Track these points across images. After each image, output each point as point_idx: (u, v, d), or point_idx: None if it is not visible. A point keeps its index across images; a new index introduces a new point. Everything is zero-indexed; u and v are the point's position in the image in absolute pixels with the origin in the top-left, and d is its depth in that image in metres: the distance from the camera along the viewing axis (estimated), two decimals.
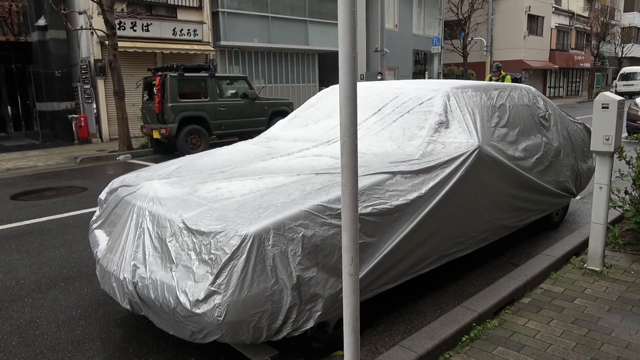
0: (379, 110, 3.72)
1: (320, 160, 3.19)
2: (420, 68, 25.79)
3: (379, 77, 18.22)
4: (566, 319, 2.87)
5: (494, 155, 3.44)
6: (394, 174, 2.91)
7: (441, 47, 21.99)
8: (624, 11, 45.18)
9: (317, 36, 18.65)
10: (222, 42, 16.27)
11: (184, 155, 3.78)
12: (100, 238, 3.04)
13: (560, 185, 4.53)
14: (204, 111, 10.65)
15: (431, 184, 2.98)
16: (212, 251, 2.30)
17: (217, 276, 2.22)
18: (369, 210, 2.66)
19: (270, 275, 2.27)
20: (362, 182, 2.76)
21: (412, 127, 3.43)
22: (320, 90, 19.85)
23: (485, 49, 23.23)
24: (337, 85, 4.66)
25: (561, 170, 4.51)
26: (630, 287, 3.32)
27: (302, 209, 2.46)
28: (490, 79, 9.53)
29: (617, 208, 4.14)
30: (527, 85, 4.60)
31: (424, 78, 24.46)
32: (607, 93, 3.42)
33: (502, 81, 8.97)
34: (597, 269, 3.59)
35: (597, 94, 24.17)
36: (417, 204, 2.90)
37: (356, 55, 1.68)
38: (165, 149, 10.84)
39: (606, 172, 3.47)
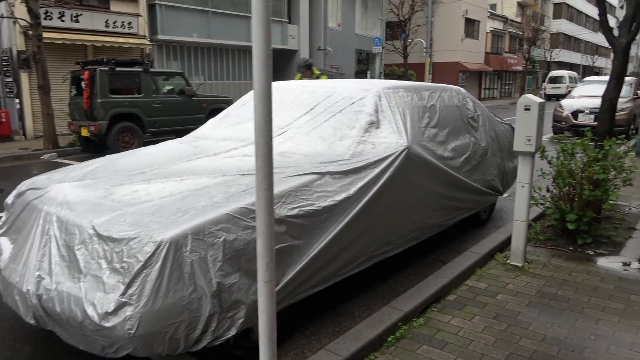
0: (311, 109, 3.68)
1: (248, 160, 3.10)
2: (363, 67, 26.14)
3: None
4: (488, 314, 2.95)
5: (423, 155, 3.48)
6: (322, 174, 2.87)
7: (382, 48, 22.38)
8: (553, 18, 48.10)
9: None
10: (160, 36, 15.69)
11: (115, 153, 3.54)
12: (4, 246, 2.78)
13: (488, 184, 4.69)
14: (138, 108, 10.20)
15: (360, 184, 2.96)
16: (125, 259, 2.15)
17: (128, 286, 2.08)
18: (295, 212, 2.61)
19: (188, 283, 2.16)
20: (290, 184, 2.70)
21: (343, 127, 3.41)
22: None
23: (424, 50, 23.89)
24: (274, 82, 4.57)
25: (488, 169, 4.67)
26: (549, 281, 3.48)
27: (224, 212, 2.36)
28: (301, 79, 6.49)
29: (538, 205, 4.34)
30: (458, 87, 4.72)
31: (367, 77, 24.83)
32: (529, 95, 3.55)
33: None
34: (519, 265, 3.73)
35: None
36: (346, 205, 2.87)
37: (271, 52, 1.61)
38: (95, 148, 10.28)
39: (528, 171, 3.62)
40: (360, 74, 25.61)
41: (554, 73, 37.55)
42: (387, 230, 3.31)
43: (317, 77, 6.95)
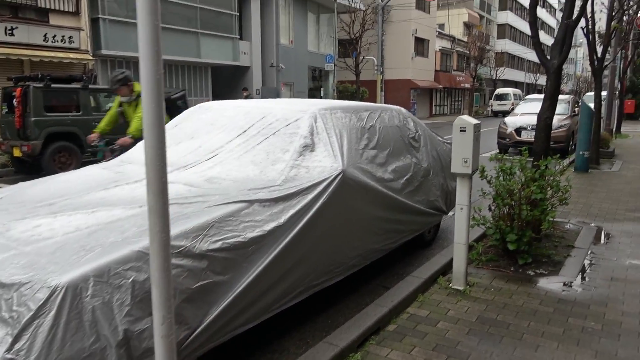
0: (244, 131, 3.50)
1: (171, 188, 2.86)
2: (317, 84, 26.29)
3: (245, 94, 17.21)
4: (427, 345, 2.83)
5: (360, 178, 3.37)
6: (251, 202, 2.70)
7: (334, 65, 22.60)
8: (497, 38, 50.42)
9: (210, 49, 18.13)
10: (104, 51, 15.12)
11: (50, 175, 3.17)
12: None
13: (431, 205, 4.65)
14: (75, 126, 9.67)
15: (291, 212, 2.80)
16: (14, 308, 1.89)
17: (16, 339, 1.81)
18: (218, 245, 2.41)
19: (89, 333, 1.91)
20: (213, 214, 2.51)
21: (277, 150, 3.25)
22: None
23: (376, 67, 24.29)
24: (207, 103, 4.36)
25: (431, 189, 4.63)
26: (489, 305, 3.42)
27: (134, 248, 2.14)
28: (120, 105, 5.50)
29: (480, 225, 4.32)
30: (398, 107, 4.68)
31: (320, 94, 24.97)
32: (464, 117, 3.53)
33: (137, 101, 5.26)
34: (461, 288, 3.67)
35: (476, 112, 26.01)
36: (276, 235, 2.70)
37: (161, 76, 1.43)
38: (30, 169, 9.64)
39: (466, 193, 3.57)
40: (314, 90, 25.74)
41: (500, 90, 39.20)
42: (325, 258, 3.15)
43: (138, 97, 5.15)
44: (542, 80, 60.52)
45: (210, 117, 3.87)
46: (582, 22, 10.49)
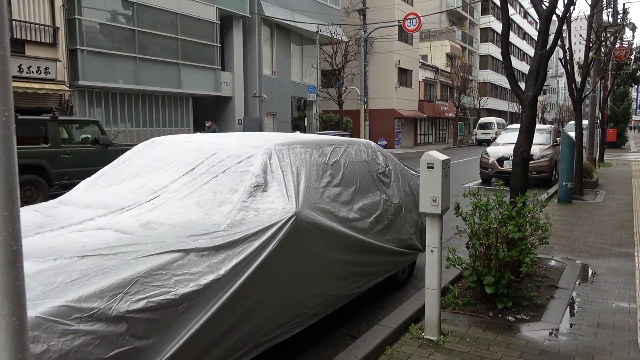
0: (192, 169, 3.20)
1: (99, 235, 2.54)
2: (301, 114, 26.25)
3: (207, 125, 16.45)
4: None
5: (318, 220, 3.06)
6: (186, 252, 2.37)
7: (317, 95, 22.60)
8: (480, 69, 51.41)
9: (191, 80, 18.01)
10: (81, 82, 14.87)
11: None
12: None
13: (404, 243, 4.35)
14: (43, 159, 9.30)
15: (234, 262, 2.47)
16: None
17: None
18: (141, 305, 2.07)
19: None
20: (139, 267, 2.17)
21: (225, 190, 2.94)
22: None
23: (359, 97, 24.36)
24: (160, 137, 4.06)
25: (404, 227, 4.34)
26: (464, 359, 3.08)
27: (32, 314, 1.79)
28: None
29: (455, 266, 4.02)
30: (367, 141, 4.43)
31: (304, 124, 24.89)
32: (432, 152, 3.27)
33: None
34: (434, 339, 3.33)
35: (461, 140, 26.03)
36: (215, 289, 2.37)
37: (11, 112, 1.13)
38: None
39: (436, 234, 3.28)
40: (299, 120, 25.67)
41: (483, 120, 39.61)
42: (278, 310, 2.81)
43: None
44: None
45: (160, 153, 3.57)
46: (561, 53, 10.53)
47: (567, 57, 9.70)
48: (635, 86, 40.82)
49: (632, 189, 11.27)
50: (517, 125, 15.50)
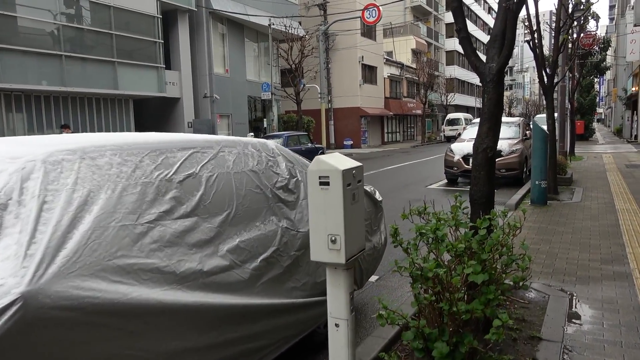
0: None
1: None
2: (260, 115, 24.71)
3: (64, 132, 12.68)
4: None
5: (102, 299, 1.63)
6: None
7: (272, 94, 21.11)
8: (446, 64, 50.86)
9: (129, 79, 16.27)
10: None
11: None
12: None
13: (321, 287, 2.97)
14: None
15: None
16: None
17: None
18: None
19: None
20: None
21: None
22: None
23: (319, 96, 23.05)
24: None
25: None
26: None
27: None
28: None
29: (392, 325, 2.65)
30: (262, 140, 3.03)
31: (264, 125, 23.35)
32: (326, 158, 1.89)
33: None
34: None
35: (429, 138, 25.09)
36: None
37: None
38: None
39: (342, 297, 1.91)
40: (258, 121, 24.14)
41: (451, 116, 38.93)
42: None
43: None
44: None
45: None
46: (528, 36, 9.42)
47: (536, 40, 8.56)
48: (600, 78, 40.90)
49: (610, 185, 10.23)
50: None
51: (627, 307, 3.67)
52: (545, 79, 8.78)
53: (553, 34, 9.73)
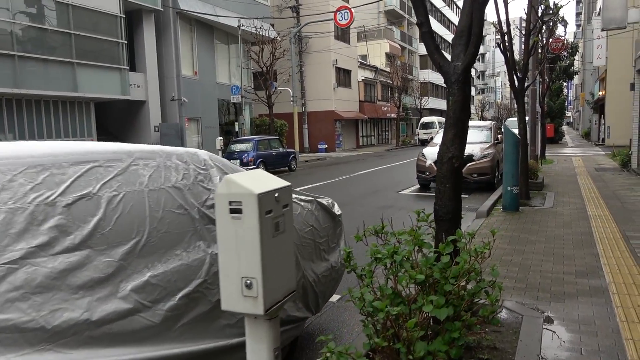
0: None
1: None
2: (232, 119, 24.12)
3: None
4: None
5: None
6: None
7: (242, 97, 20.57)
8: (420, 68, 51.09)
9: (89, 81, 15.52)
10: None
11: None
12: None
13: None
14: None
15: None
16: None
17: None
18: None
19: None
20: None
21: None
22: None
23: (292, 99, 22.62)
24: None
25: None
26: None
27: None
28: None
29: None
30: (192, 150, 2.59)
31: (235, 129, 22.76)
32: (242, 177, 1.48)
33: None
34: None
35: (403, 141, 24.84)
36: None
37: None
38: None
39: (264, 355, 1.49)
40: (230, 125, 23.54)
41: (425, 119, 39.01)
42: None
43: None
44: None
45: None
46: (499, 39, 9.22)
47: (506, 42, 8.35)
48: (568, 82, 41.64)
49: (581, 189, 10.12)
50: None
51: (606, 328, 3.36)
52: (516, 83, 8.58)
53: (523, 39, 9.58)
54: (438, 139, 12.19)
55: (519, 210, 7.86)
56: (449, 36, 52.69)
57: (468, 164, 10.49)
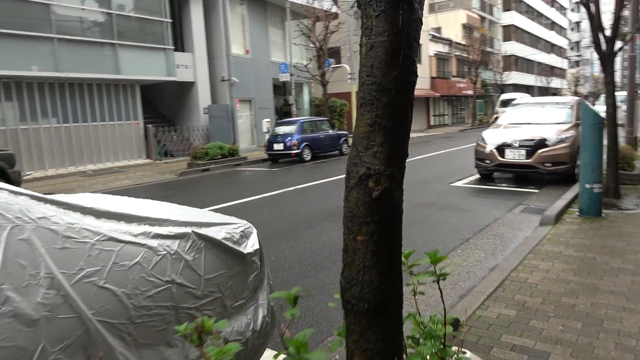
0: None
1: None
2: (288, 99, 23.01)
3: None
4: None
5: None
6: None
7: (290, 75, 19.26)
8: (503, 40, 46.68)
9: (133, 63, 15.06)
10: None
11: None
12: None
13: None
14: None
15: None
16: None
17: None
18: None
19: None
20: None
21: None
22: (145, 127, 16.19)
23: (349, 76, 20.99)
24: None
25: None
26: None
27: None
28: None
29: None
30: None
31: (292, 110, 21.64)
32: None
33: None
34: None
35: (480, 120, 22.15)
36: None
37: None
38: None
39: None
40: (286, 106, 22.47)
41: (505, 96, 35.36)
42: None
43: None
44: (555, 83, 56.38)
45: None
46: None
47: None
48: None
49: None
50: (530, 99, 11.88)
51: None
52: (604, 44, 6.43)
53: None
54: (504, 119, 10.11)
55: (601, 215, 5.86)
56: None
57: (540, 150, 8.42)
